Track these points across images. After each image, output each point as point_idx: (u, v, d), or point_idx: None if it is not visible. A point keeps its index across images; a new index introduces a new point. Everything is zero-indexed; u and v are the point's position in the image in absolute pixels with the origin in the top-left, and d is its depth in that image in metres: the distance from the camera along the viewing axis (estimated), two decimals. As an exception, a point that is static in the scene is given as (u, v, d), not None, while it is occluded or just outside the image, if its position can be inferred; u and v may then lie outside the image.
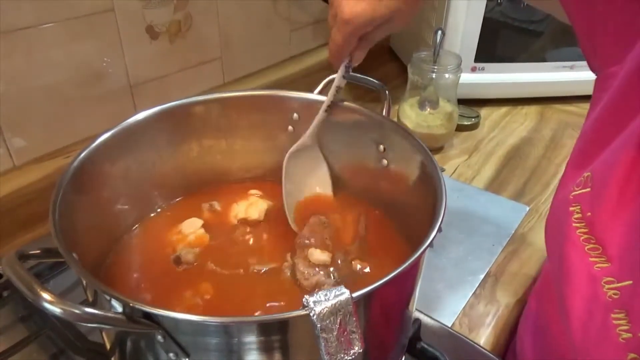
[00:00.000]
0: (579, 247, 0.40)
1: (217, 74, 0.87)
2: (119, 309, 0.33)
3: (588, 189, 0.40)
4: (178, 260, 0.50)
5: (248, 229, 0.55)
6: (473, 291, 0.62)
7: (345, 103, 0.54)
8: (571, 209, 0.41)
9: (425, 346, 0.52)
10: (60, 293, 0.57)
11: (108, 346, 0.42)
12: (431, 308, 0.59)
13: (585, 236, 0.40)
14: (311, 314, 0.31)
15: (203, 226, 0.54)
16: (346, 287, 0.32)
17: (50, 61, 0.64)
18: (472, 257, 0.67)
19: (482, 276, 0.65)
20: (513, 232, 0.72)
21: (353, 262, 0.51)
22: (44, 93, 0.65)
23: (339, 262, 0.51)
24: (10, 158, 0.65)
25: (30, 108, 0.65)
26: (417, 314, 0.56)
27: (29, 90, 0.64)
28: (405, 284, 0.41)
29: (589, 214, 0.40)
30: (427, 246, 0.37)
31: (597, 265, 0.39)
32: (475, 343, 0.55)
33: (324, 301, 0.31)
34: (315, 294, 0.32)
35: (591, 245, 0.39)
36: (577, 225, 0.40)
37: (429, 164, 0.46)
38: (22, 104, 0.63)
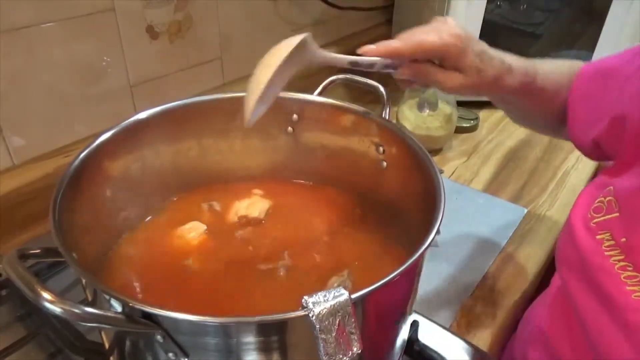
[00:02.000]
0: (614, 275, 0.38)
1: (217, 74, 0.87)
2: (119, 308, 0.33)
3: (616, 214, 0.38)
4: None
5: (248, 229, 0.55)
6: (471, 292, 0.63)
7: (344, 104, 0.55)
8: (598, 237, 0.39)
9: (423, 347, 0.52)
10: (60, 292, 0.57)
11: (107, 346, 0.42)
12: (429, 309, 0.59)
13: (622, 263, 0.37)
14: (310, 315, 0.31)
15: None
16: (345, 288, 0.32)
17: (50, 60, 0.64)
18: (470, 258, 0.67)
19: (480, 278, 0.65)
20: (511, 233, 0.72)
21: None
22: (44, 92, 0.65)
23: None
24: (10, 157, 0.65)
25: (30, 107, 0.65)
26: (415, 315, 0.56)
27: (29, 89, 0.64)
28: (403, 286, 0.41)
29: (624, 239, 0.37)
30: (426, 248, 0.37)
31: (636, 294, 0.36)
32: (472, 344, 0.55)
33: (323, 302, 0.31)
34: (314, 295, 0.32)
35: (628, 273, 0.37)
36: (611, 253, 0.38)
37: (427, 166, 0.47)
38: (21, 102, 0.63)
